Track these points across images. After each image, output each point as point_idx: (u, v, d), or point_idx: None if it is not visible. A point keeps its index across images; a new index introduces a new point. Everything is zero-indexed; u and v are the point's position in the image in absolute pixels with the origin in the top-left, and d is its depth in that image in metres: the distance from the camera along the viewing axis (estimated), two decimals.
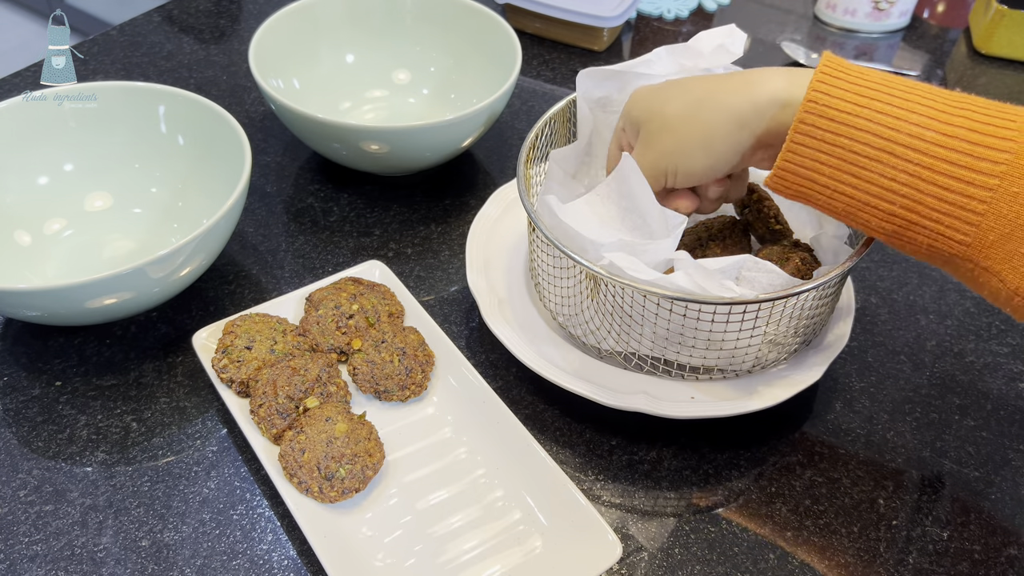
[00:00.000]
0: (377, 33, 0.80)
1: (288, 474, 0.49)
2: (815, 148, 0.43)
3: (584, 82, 0.58)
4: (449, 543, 0.48)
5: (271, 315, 0.58)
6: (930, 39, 0.99)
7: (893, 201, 0.42)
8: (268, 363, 0.54)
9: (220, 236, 0.57)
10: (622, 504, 0.52)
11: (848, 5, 0.97)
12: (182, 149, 0.66)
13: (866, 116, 0.42)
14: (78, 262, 0.64)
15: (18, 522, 0.49)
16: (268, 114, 0.80)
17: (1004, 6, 0.90)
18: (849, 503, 0.53)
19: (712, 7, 0.99)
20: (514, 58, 0.70)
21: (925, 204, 0.42)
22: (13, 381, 0.57)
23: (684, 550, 0.50)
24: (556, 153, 0.60)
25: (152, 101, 0.66)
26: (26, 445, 0.53)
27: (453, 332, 0.61)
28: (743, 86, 0.47)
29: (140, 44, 0.89)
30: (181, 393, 0.57)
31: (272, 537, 0.49)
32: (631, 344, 0.54)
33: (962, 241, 0.42)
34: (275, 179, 0.74)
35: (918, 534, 0.51)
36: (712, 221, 0.61)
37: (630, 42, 0.95)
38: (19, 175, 0.65)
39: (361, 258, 0.66)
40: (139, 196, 0.67)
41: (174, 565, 0.48)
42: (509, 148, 0.78)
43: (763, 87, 0.46)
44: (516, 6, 0.90)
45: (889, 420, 0.57)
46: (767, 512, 0.52)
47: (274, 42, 0.73)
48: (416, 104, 0.80)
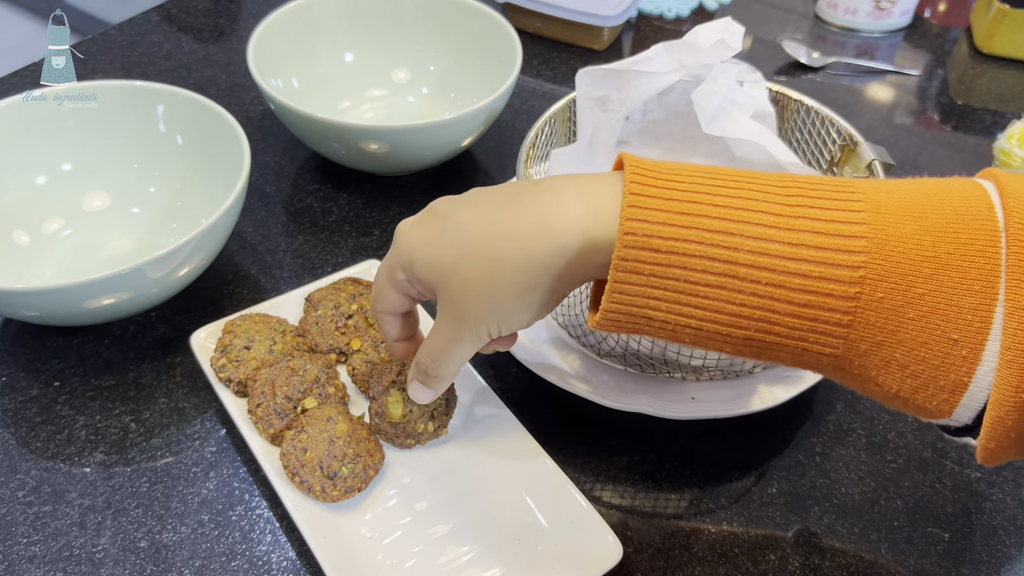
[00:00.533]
0: (376, 32, 0.80)
1: (290, 473, 0.49)
2: (644, 284, 0.36)
3: (583, 81, 0.58)
4: (449, 544, 0.48)
5: (271, 315, 0.57)
6: (931, 38, 0.99)
7: (747, 327, 0.36)
8: (267, 363, 0.54)
9: (219, 236, 0.57)
10: (623, 505, 0.52)
11: (849, 4, 0.97)
12: (181, 148, 0.66)
13: (696, 239, 0.35)
14: (76, 262, 0.64)
15: (16, 523, 0.49)
16: (267, 113, 0.80)
17: (1006, 5, 0.90)
18: (850, 504, 0.52)
19: (713, 6, 0.99)
20: (514, 57, 0.70)
21: (784, 324, 0.36)
22: (11, 381, 0.57)
23: (684, 551, 0.50)
24: (556, 153, 0.59)
25: (151, 100, 0.65)
26: (24, 446, 0.53)
27: None
28: (539, 230, 0.39)
29: (139, 44, 0.88)
30: (180, 394, 0.56)
31: (271, 538, 0.49)
32: (631, 345, 0.54)
33: (831, 354, 0.36)
34: (274, 179, 0.74)
35: (919, 535, 0.51)
36: None
37: (631, 41, 0.95)
38: (18, 174, 0.64)
39: (360, 258, 0.66)
40: (138, 196, 0.67)
41: (173, 566, 0.48)
42: (509, 148, 0.78)
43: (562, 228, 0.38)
44: (516, 5, 0.90)
45: (890, 420, 0.57)
46: (768, 513, 0.52)
47: (273, 41, 0.72)
48: (416, 103, 0.80)
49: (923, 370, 0.35)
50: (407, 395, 0.51)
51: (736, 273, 0.35)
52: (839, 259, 0.34)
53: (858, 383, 0.37)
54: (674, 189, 0.36)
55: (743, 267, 0.35)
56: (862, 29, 0.98)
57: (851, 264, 0.34)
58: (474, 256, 0.40)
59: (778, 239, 0.35)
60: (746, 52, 0.94)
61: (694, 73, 0.58)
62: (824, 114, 0.60)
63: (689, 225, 0.35)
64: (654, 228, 0.36)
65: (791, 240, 0.35)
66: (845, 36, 0.98)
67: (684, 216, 0.36)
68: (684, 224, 0.35)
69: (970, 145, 0.83)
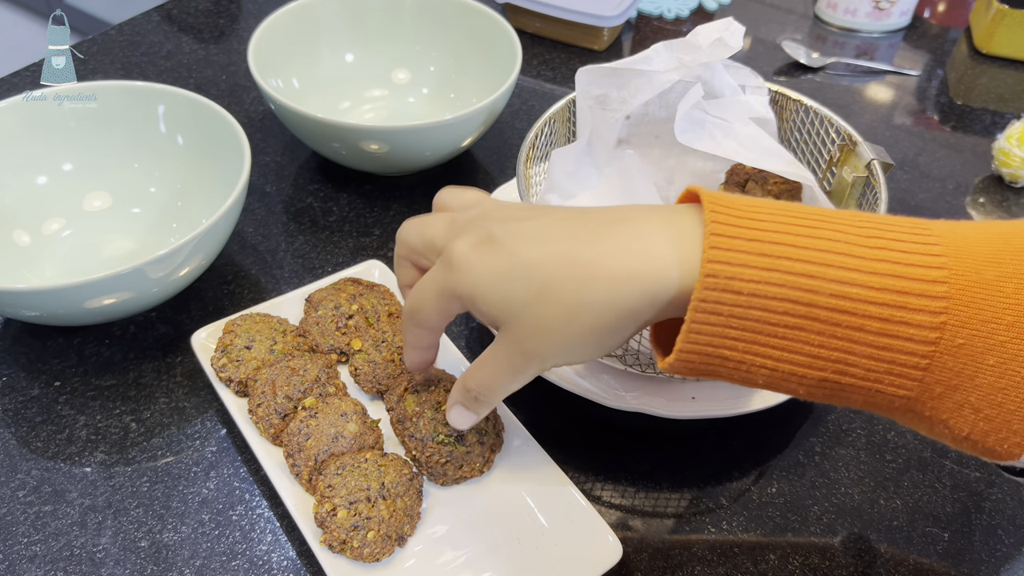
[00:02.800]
0: (377, 33, 0.80)
1: (286, 453, 0.49)
2: (722, 325, 0.36)
3: (583, 79, 0.58)
4: (448, 544, 0.48)
5: (271, 315, 0.58)
6: (931, 39, 0.99)
7: (823, 368, 0.36)
8: (267, 363, 0.54)
9: (219, 236, 0.57)
10: (622, 505, 0.52)
11: (849, 4, 0.97)
12: (181, 149, 0.66)
13: (778, 282, 0.35)
14: (77, 262, 0.64)
15: (17, 522, 0.49)
16: (267, 114, 0.80)
17: (1005, 6, 0.90)
18: (849, 503, 0.52)
19: (713, 6, 0.99)
20: (514, 58, 0.70)
21: (860, 366, 0.36)
22: (12, 381, 0.57)
23: (684, 551, 0.50)
24: (557, 153, 0.60)
25: (151, 101, 0.65)
26: (25, 445, 0.53)
27: (453, 332, 0.61)
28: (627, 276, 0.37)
29: (139, 44, 0.88)
30: (180, 393, 0.56)
31: (271, 538, 0.49)
32: (631, 344, 0.54)
33: (905, 396, 0.36)
34: (274, 179, 0.74)
35: (919, 534, 0.51)
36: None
37: (630, 41, 0.95)
38: (18, 174, 0.64)
39: (361, 258, 0.66)
40: (138, 196, 0.67)
41: (173, 566, 0.48)
42: (509, 148, 0.78)
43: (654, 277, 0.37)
44: (516, 5, 0.90)
45: (890, 420, 0.57)
46: (767, 512, 0.52)
47: (273, 42, 0.72)
48: (416, 104, 0.80)
49: (998, 414, 0.35)
50: (445, 418, 0.49)
51: (817, 316, 0.35)
52: (920, 304, 0.34)
53: (927, 425, 0.37)
54: (755, 228, 0.36)
55: (824, 310, 0.35)
56: (861, 29, 0.98)
57: (932, 310, 0.34)
58: (552, 300, 0.38)
59: (860, 283, 0.35)
60: (746, 52, 0.94)
61: (694, 73, 0.58)
62: (823, 114, 0.60)
63: (772, 267, 0.35)
64: (736, 270, 0.35)
65: (872, 284, 0.35)
66: (844, 36, 0.98)
67: (766, 258, 0.35)
68: (767, 266, 0.35)
69: (969, 145, 0.83)
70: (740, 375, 0.37)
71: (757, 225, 0.36)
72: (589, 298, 0.38)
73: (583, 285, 0.38)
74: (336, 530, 0.46)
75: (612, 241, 0.38)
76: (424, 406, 0.51)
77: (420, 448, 0.50)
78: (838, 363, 0.36)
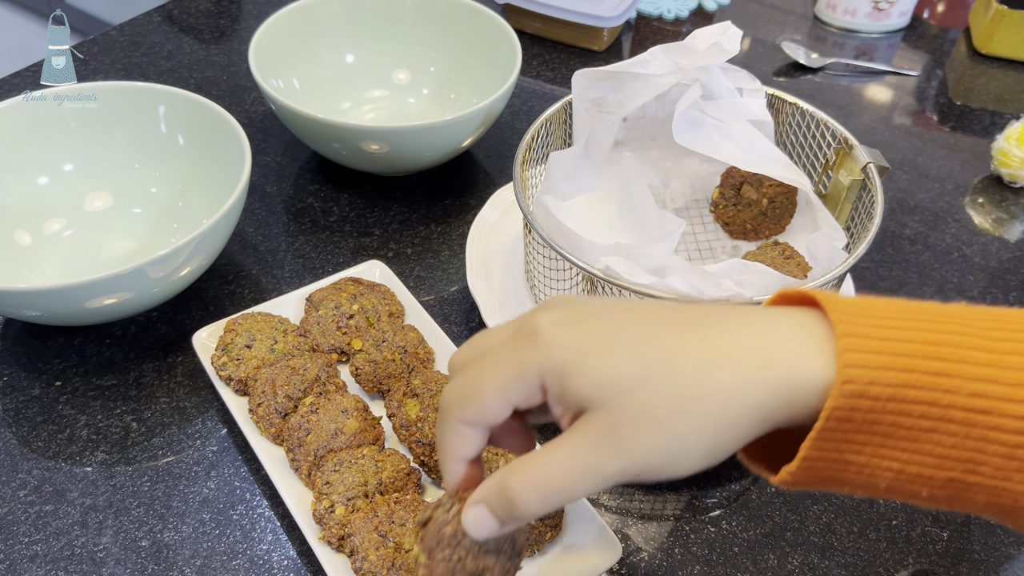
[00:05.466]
0: (377, 33, 0.80)
1: (286, 447, 0.49)
2: (854, 431, 0.33)
3: (579, 82, 0.58)
4: None
5: (273, 314, 0.58)
6: (930, 39, 0.99)
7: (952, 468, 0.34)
8: (267, 362, 0.54)
9: (220, 236, 0.57)
10: (622, 505, 0.52)
11: (848, 5, 0.97)
12: (182, 149, 0.66)
13: (916, 384, 0.32)
14: (78, 262, 0.64)
15: (18, 522, 0.50)
16: (268, 114, 0.80)
17: (1004, 6, 0.90)
18: (849, 503, 0.53)
19: (712, 7, 0.99)
20: (514, 58, 0.70)
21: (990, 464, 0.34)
22: (13, 381, 0.57)
23: (684, 550, 0.50)
24: (555, 156, 0.60)
25: (152, 101, 0.66)
26: (26, 445, 0.53)
27: (453, 332, 0.61)
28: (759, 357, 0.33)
29: (140, 44, 0.89)
30: (181, 393, 0.57)
31: (272, 537, 0.49)
32: None
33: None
34: (275, 179, 0.74)
35: (918, 534, 0.51)
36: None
37: (630, 42, 0.95)
38: (19, 175, 0.65)
39: (361, 258, 0.66)
40: (139, 196, 0.67)
41: (174, 565, 0.48)
42: (509, 148, 0.78)
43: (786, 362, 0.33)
44: (516, 6, 0.90)
45: None
46: (767, 512, 0.52)
47: (274, 42, 0.73)
48: (416, 104, 0.80)
49: None
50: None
51: (952, 418, 0.33)
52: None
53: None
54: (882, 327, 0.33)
55: (960, 411, 0.33)
56: (861, 30, 0.98)
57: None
58: (669, 376, 0.33)
59: (995, 379, 0.33)
60: (745, 53, 0.94)
61: (691, 76, 0.58)
62: (819, 117, 0.60)
63: (910, 368, 0.32)
64: (874, 374, 0.32)
65: (1008, 380, 0.33)
66: (844, 37, 0.98)
67: (903, 358, 0.32)
68: (904, 367, 0.32)
69: (968, 145, 0.83)
70: (862, 479, 0.34)
71: (882, 323, 0.33)
72: (715, 381, 0.32)
73: (709, 364, 0.33)
74: (334, 526, 0.46)
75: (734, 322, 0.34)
76: (427, 410, 0.51)
77: (428, 453, 0.50)
78: (968, 462, 0.33)
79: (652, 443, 0.33)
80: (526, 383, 0.34)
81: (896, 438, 0.33)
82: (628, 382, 0.33)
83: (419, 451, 0.50)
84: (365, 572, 0.44)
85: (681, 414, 0.32)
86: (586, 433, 0.33)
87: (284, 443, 0.50)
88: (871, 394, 0.32)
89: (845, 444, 0.33)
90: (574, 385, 0.33)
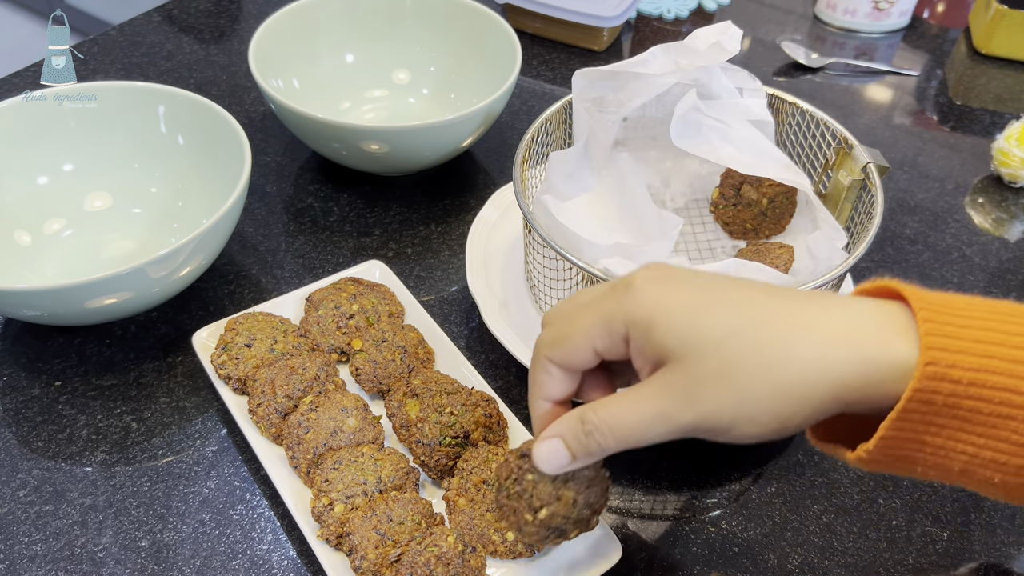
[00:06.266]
0: (377, 33, 0.80)
1: (286, 445, 0.49)
2: (932, 413, 0.33)
3: (579, 82, 0.58)
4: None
5: (273, 314, 0.58)
6: (930, 39, 0.99)
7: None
8: (267, 362, 0.54)
9: (220, 236, 0.57)
10: (622, 505, 0.52)
11: (848, 5, 0.97)
12: (182, 149, 0.66)
13: (996, 370, 0.33)
14: (78, 262, 0.64)
15: (18, 522, 0.49)
16: (268, 114, 0.80)
17: (1004, 6, 0.90)
18: (849, 503, 0.53)
19: (712, 7, 0.99)
20: (514, 58, 0.70)
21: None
22: (13, 381, 0.57)
23: (684, 550, 0.50)
24: (555, 155, 0.60)
25: (152, 101, 0.66)
26: (26, 445, 0.53)
27: (453, 332, 0.61)
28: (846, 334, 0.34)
29: (140, 44, 0.89)
30: (181, 393, 0.57)
31: (272, 537, 0.49)
32: None
33: None
34: (275, 179, 0.74)
35: (918, 534, 0.51)
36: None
37: (630, 42, 0.95)
38: (19, 175, 0.65)
39: (361, 258, 0.66)
40: (139, 196, 0.67)
41: (174, 565, 0.48)
42: (509, 148, 0.78)
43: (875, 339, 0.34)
44: (516, 6, 0.90)
45: None
46: (767, 512, 0.52)
47: (274, 42, 0.73)
48: (416, 104, 0.80)
49: None
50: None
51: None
52: None
53: None
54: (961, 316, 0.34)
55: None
56: (861, 30, 0.98)
57: None
58: (753, 340, 0.34)
59: None
60: (745, 53, 0.94)
61: (691, 76, 0.58)
62: (819, 117, 0.60)
63: (991, 355, 0.33)
64: (956, 358, 0.33)
65: None
66: (844, 37, 0.98)
67: (983, 344, 0.33)
68: (985, 353, 0.33)
69: (969, 145, 0.83)
70: (936, 460, 0.35)
71: (962, 312, 0.34)
72: (798, 351, 0.33)
73: (793, 334, 0.34)
74: (333, 524, 0.46)
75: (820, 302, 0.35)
76: (427, 411, 0.51)
77: (428, 453, 0.50)
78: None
79: (726, 402, 0.34)
80: (610, 331, 0.36)
81: (974, 423, 0.33)
82: (711, 341, 0.34)
83: (419, 451, 0.50)
84: (364, 571, 0.44)
85: (759, 377, 0.33)
86: (664, 383, 0.35)
87: (283, 441, 0.50)
88: (952, 377, 0.33)
89: (923, 426, 0.34)
90: (657, 337, 0.34)
